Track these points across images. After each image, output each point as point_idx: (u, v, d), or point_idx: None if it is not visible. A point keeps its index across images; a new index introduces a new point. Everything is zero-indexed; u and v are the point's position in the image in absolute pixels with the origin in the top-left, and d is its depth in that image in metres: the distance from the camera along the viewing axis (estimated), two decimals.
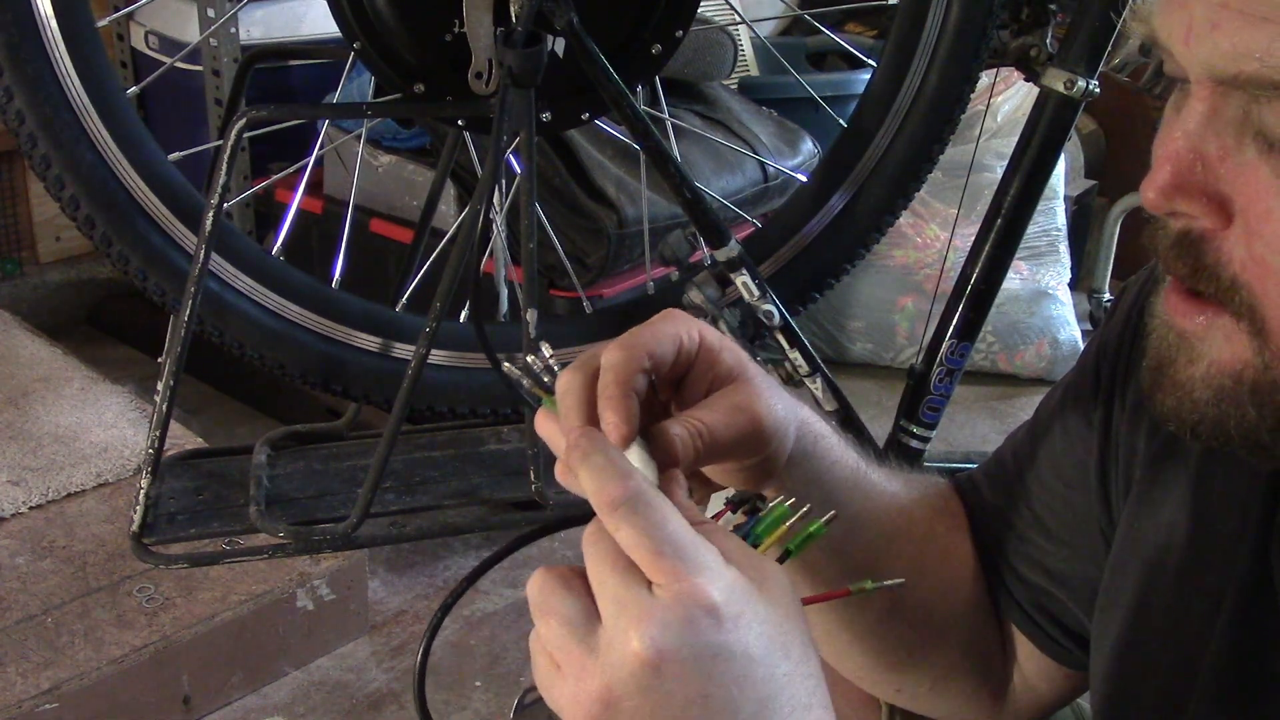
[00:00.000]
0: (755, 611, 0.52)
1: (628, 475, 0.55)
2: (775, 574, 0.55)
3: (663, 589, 0.52)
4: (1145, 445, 0.72)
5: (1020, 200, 1.55)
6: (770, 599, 0.54)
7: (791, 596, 0.55)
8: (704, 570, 0.52)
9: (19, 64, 1.21)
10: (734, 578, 0.53)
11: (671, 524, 0.53)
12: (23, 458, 1.91)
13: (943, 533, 0.83)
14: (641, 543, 0.53)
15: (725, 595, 0.51)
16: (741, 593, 0.52)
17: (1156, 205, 0.53)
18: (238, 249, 1.36)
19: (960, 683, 0.83)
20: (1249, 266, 0.51)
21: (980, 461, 0.88)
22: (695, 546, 0.53)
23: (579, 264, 2.03)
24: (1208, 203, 0.52)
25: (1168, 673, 0.67)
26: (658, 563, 0.52)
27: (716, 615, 0.51)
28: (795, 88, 2.34)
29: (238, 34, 2.39)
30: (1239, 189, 0.51)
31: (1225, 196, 0.51)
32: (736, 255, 1.32)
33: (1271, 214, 0.50)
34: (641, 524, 0.53)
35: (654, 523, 0.53)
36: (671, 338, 0.64)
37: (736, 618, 0.51)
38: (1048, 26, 1.51)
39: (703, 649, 0.51)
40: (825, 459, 0.73)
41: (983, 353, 2.68)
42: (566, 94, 1.31)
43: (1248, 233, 0.51)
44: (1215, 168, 0.51)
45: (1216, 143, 0.51)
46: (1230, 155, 0.51)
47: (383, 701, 1.70)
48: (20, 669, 1.51)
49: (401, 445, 1.42)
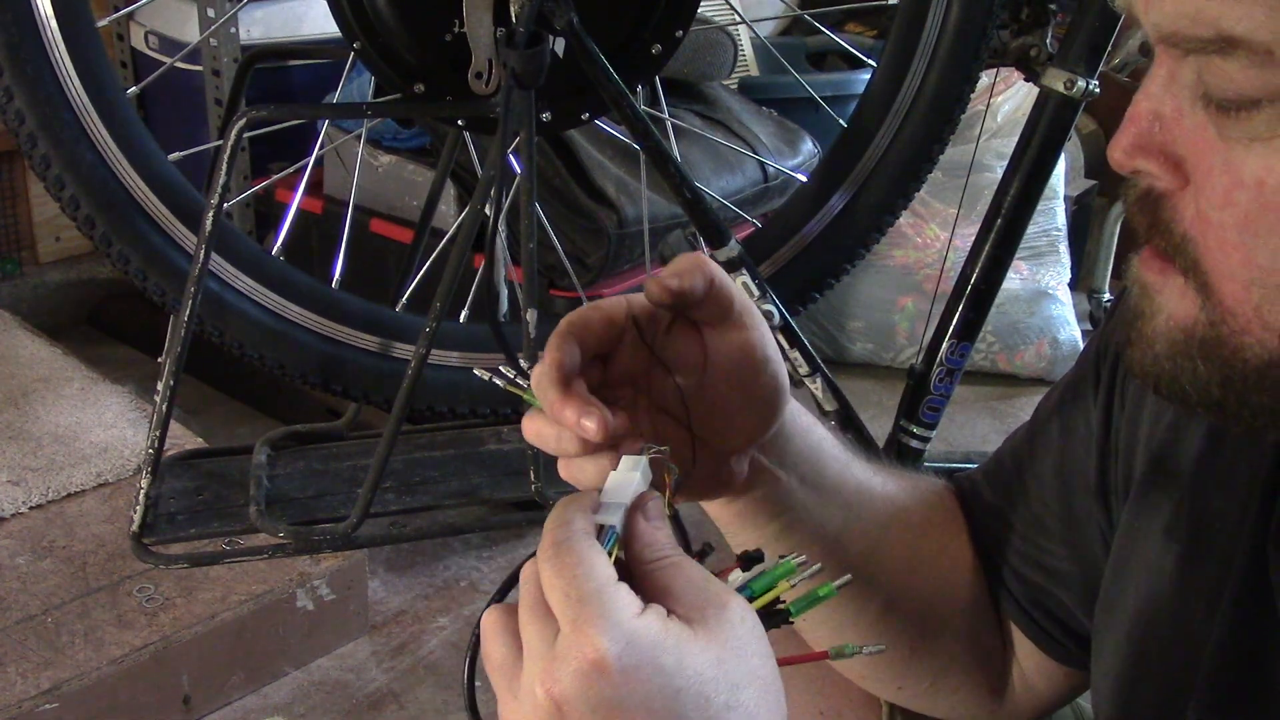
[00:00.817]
0: (661, 663, 0.51)
1: (568, 523, 0.55)
2: (730, 616, 0.53)
3: (563, 638, 0.52)
4: (1144, 446, 0.72)
5: (1020, 200, 1.55)
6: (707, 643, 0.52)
7: (748, 637, 0.54)
8: (600, 621, 0.51)
9: (19, 64, 1.22)
10: (639, 628, 0.51)
11: (586, 570, 0.52)
12: (23, 458, 1.91)
13: (939, 529, 0.83)
14: (554, 586, 0.53)
15: (619, 648, 0.50)
16: (644, 645, 0.51)
17: (1120, 164, 0.55)
18: (238, 249, 1.36)
19: (960, 680, 0.83)
20: (1195, 223, 0.53)
21: (980, 461, 0.88)
22: (602, 595, 0.52)
23: (579, 264, 2.03)
24: (1165, 162, 0.54)
25: (1169, 673, 0.67)
26: (564, 609, 0.52)
27: (604, 668, 0.50)
28: (795, 88, 2.34)
29: (238, 34, 2.38)
30: (1190, 148, 0.53)
31: (1180, 157, 0.54)
32: (736, 255, 1.32)
33: (1213, 171, 0.52)
34: (558, 568, 0.53)
35: (568, 565, 0.53)
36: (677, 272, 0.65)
37: (632, 670, 0.50)
38: (1048, 26, 1.51)
39: (598, 702, 0.50)
40: (812, 435, 0.74)
41: (983, 353, 2.68)
42: (566, 94, 1.31)
43: (1196, 190, 0.53)
44: (1171, 129, 0.53)
45: (1172, 104, 0.53)
46: (1184, 116, 0.53)
47: (383, 701, 1.70)
48: (20, 669, 1.51)
49: (401, 445, 1.42)
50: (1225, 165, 0.51)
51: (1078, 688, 0.84)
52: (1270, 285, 0.51)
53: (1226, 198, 0.52)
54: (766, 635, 0.55)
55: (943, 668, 0.82)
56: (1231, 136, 0.51)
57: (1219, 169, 0.52)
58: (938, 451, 1.94)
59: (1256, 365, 0.53)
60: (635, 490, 0.59)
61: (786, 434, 0.72)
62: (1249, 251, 0.51)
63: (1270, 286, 0.51)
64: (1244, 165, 0.51)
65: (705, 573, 0.56)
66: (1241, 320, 0.53)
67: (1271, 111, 0.49)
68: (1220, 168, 0.52)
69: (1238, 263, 0.52)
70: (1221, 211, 0.52)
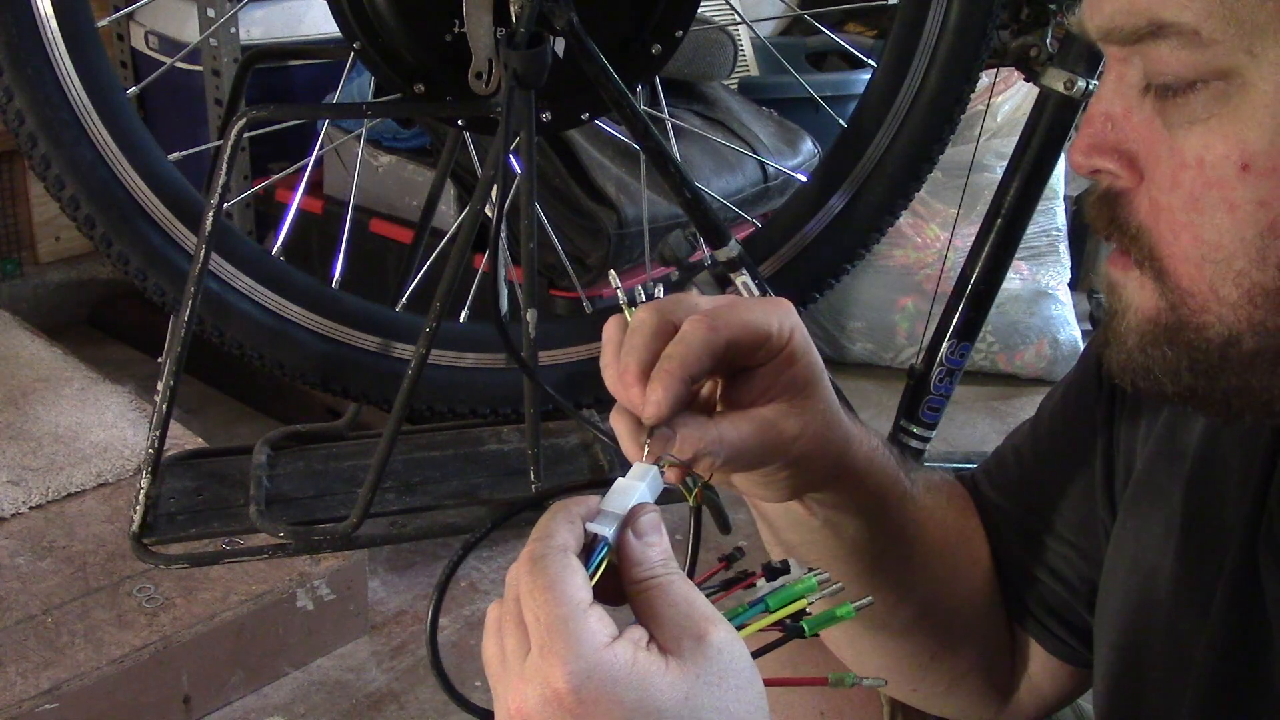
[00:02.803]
0: (621, 697, 0.51)
1: (548, 537, 0.55)
2: (708, 649, 0.53)
3: (531, 659, 0.52)
4: (1142, 445, 0.72)
5: (1020, 200, 1.56)
6: (677, 677, 0.52)
7: (725, 670, 0.53)
8: (564, 651, 0.51)
9: (19, 64, 1.21)
10: (602, 660, 0.51)
11: (557, 595, 0.52)
12: (23, 458, 1.91)
13: (970, 538, 0.83)
14: (528, 606, 0.53)
15: (578, 681, 0.51)
16: (605, 679, 0.51)
17: (1079, 166, 0.58)
18: (238, 249, 1.36)
19: (974, 683, 0.83)
20: (1149, 213, 0.56)
21: (980, 461, 0.88)
22: (568, 624, 0.52)
23: (579, 264, 2.02)
24: (1120, 159, 0.57)
25: (1165, 672, 0.67)
26: (534, 631, 0.52)
27: (563, 699, 0.51)
28: (795, 88, 2.34)
29: (238, 34, 2.39)
30: (1141, 143, 0.56)
31: (1134, 153, 0.56)
32: (736, 255, 1.32)
33: (1161, 159, 0.55)
34: (532, 587, 0.53)
35: (541, 587, 0.53)
36: (761, 331, 0.63)
37: (590, 703, 0.51)
38: (1048, 26, 1.51)
39: None
40: (875, 478, 0.73)
41: (983, 353, 2.68)
42: (566, 94, 1.31)
43: (1148, 182, 0.56)
44: (1123, 126, 0.56)
45: (1122, 103, 0.56)
46: (1134, 112, 0.56)
47: (383, 701, 1.70)
48: (20, 669, 1.51)
49: (401, 445, 1.42)
50: (1170, 150, 0.54)
51: (1082, 686, 0.84)
52: (1219, 260, 0.53)
53: (1173, 180, 0.54)
54: (754, 663, 0.54)
55: (962, 673, 0.82)
56: (1174, 123, 0.54)
57: (1165, 155, 0.54)
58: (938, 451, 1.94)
59: (1219, 344, 0.55)
60: (636, 500, 0.58)
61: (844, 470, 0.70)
62: (1197, 230, 0.54)
63: (1219, 261, 0.53)
64: (1186, 147, 0.53)
65: (691, 597, 0.54)
66: (1200, 299, 0.55)
67: (1206, 93, 0.52)
68: (1166, 154, 0.54)
69: (1188, 242, 0.54)
70: (1170, 194, 0.54)
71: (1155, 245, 0.56)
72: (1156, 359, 0.57)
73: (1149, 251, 0.56)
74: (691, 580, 0.57)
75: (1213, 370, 0.55)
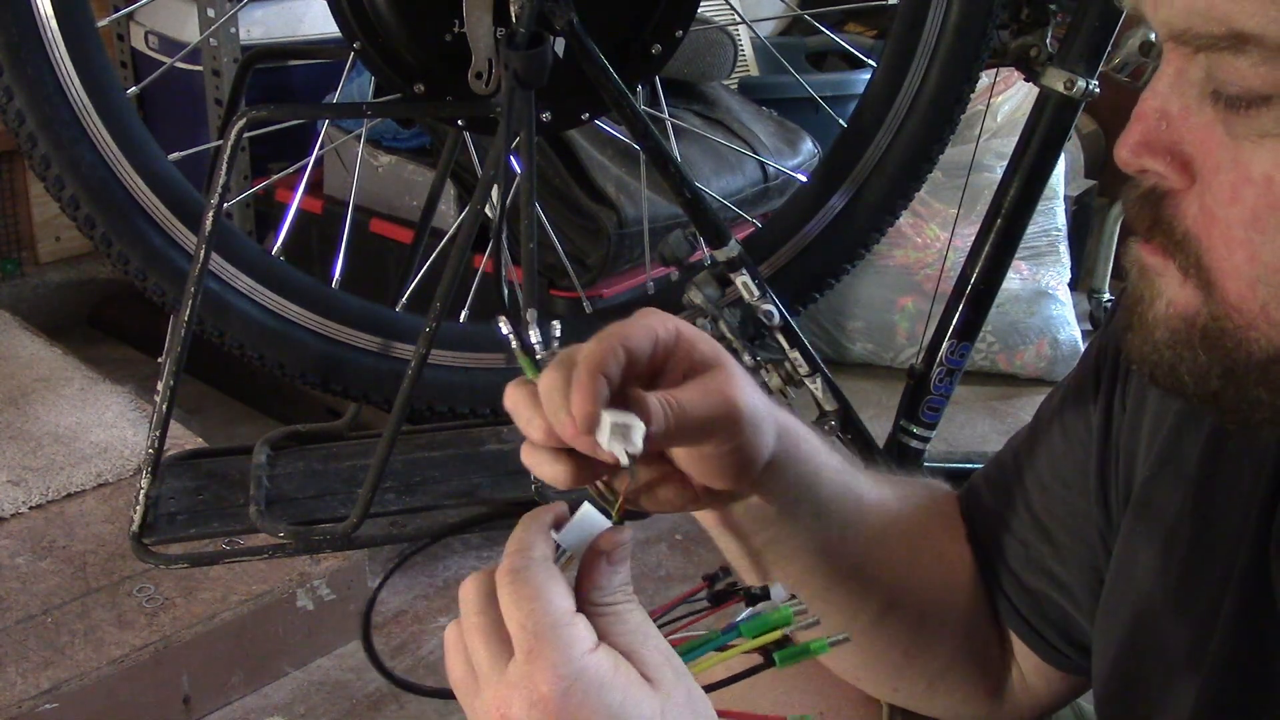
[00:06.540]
0: (607, 700, 0.52)
1: (528, 549, 0.55)
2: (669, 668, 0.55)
3: (516, 666, 0.53)
4: (1145, 450, 0.71)
5: (1020, 200, 1.55)
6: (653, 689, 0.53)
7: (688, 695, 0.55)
8: (554, 656, 0.52)
9: (19, 64, 1.21)
10: (589, 665, 0.52)
11: (543, 605, 0.53)
12: (23, 458, 1.91)
13: (936, 534, 0.83)
14: (511, 617, 0.53)
15: (567, 684, 0.51)
16: (593, 682, 0.52)
17: (1126, 163, 0.55)
18: (238, 249, 1.36)
19: (957, 682, 0.83)
20: (1199, 220, 0.53)
21: (981, 461, 0.88)
22: (557, 630, 0.52)
23: (579, 264, 2.03)
24: (1172, 161, 0.53)
25: (1171, 676, 0.67)
26: (520, 639, 0.53)
27: (552, 703, 0.51)
28: (795, 88, 2.34)
29: (238, 34, 2.39)
30: (1198, 146, 0.53)
31: (1188, 156, 0.53)
32: (736, 255, 1.32)
33: (1221, 168, 0.52)
34: (515, 598, 0.53)
35: (525, 597, 0.53)
36: (646, 331, 0.64)
37: (577, 706, 0.51)
38: (1048, 26, 1.51)
39: None
40: (810, 463, 0.72)
41: (983, 353, 2.68)
42: (566, 94, 1.31)
43: (1202, 188, 0.53)
44: (1179, 127, 0.53)
45: (1180, 102, 0.53)
46: (1192, 114, 0.53)
47: (383, 701, 1.70)
48: (20, 669, 1.51)
49: (401, 445, 1.42)
50: (1233, 162, 0.51)
51: (1077, 689, 0.83)
52: (1276, 283, 0.51)
53: (1234, 194, 0.51)
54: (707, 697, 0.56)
55: (940, 670, 0.82)
56: (1240, 134, 0.51)
57: (1227, 166, 0.52)
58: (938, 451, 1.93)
59: (1260, 360, 0.53)
60: (605, 525, 0.59)
61: (779, 467, 0.70)
62: (1255, 248, 0.51)
63: (1276, 285, 0.51)
64: (1252, 162, 0.51)
65: (645, 633, 0.56)
66: (1247, 316, 0.53)
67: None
68: (1228, 165, 0.51)
69: (1243, 260, 0.52)
70: (1228, 208, 0.52)
71: (1204, 255, 0.53)
72: (1186, 359, 0.55)
73: (1196, 260, 0.53)
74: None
75: (1247, 382, 0.54)
